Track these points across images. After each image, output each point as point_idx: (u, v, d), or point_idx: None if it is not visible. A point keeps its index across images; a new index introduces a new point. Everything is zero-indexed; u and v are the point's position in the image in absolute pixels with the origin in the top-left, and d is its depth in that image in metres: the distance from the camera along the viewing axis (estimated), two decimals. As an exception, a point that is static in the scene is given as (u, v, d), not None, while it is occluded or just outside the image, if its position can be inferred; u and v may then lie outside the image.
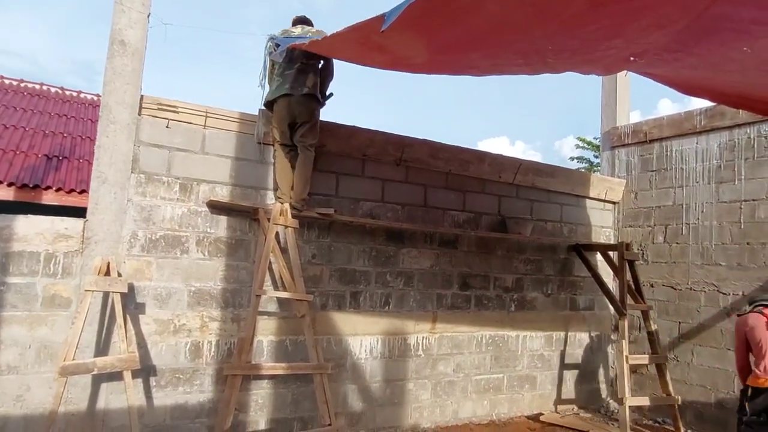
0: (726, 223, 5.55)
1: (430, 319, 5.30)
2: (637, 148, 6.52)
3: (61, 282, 3.74)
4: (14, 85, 9.88)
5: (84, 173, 7.67)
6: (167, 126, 4.18)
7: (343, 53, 4.06)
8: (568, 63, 3.39)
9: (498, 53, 3.27)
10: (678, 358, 5.85)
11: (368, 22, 2.72)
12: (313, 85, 4.27)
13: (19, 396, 3.59)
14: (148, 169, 4.09)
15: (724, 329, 5.44)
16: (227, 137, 4.41)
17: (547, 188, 6.17)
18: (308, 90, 4.24)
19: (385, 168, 5.16)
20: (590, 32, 2.72)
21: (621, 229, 6.63)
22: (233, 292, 4.32)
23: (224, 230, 4.34)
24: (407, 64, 3.77)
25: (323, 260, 4.75)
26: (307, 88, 4.24)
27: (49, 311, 3.69)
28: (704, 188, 5.79)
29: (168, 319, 4.07)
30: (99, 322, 3.80)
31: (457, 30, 2.73)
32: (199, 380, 4.15)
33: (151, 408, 3.97)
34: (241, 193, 4.42)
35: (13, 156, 7.47)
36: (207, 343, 4.19)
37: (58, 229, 3.76)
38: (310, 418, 4.52)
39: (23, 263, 3.64)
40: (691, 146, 5.95)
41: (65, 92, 10.52)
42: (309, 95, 4.26)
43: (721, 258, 5.55)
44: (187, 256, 4.17)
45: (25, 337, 3.62)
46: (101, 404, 3.79)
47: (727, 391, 5.35)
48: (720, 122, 5.64)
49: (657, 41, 2.78)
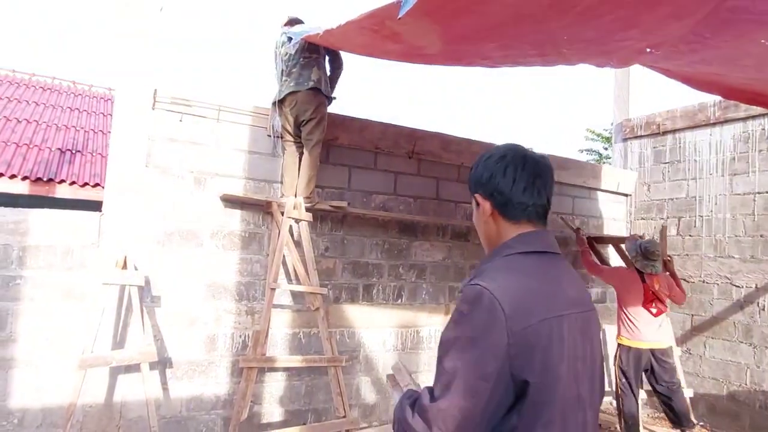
0: (739, 215, 5.52)
1: (443, 312, 5.31)
2: (650, 139, 6.48)
3: (78, 275, 3.77)
4: (26, 79, 9.95)
5: (97, 167, 7.74)
6: (180, 120, 4.20)
7: (355, 43, 4.04)
8: (583, 54, 3.37)
9: (512, 43, 3.25)
10: (690, 350, 5.84)
11: (384, 8, 2.71)
12: (318, 79, 4.22)
13: (37, 388, 3.63)
14: (162, 163, 4.11)
15: (737, 322, 5.42)
16: (240, 131, 4.43)
17: (559, 180, 6.14)
18: (314, 83, 4.20)
19: (398, 161, 5.16)
20: (606, 23, 2.71)
21: (633, 222, 6.60)
22: (247, 285, 4.35)
23: (238, 224, 4.36)
24: (420, 54, 3.75)
25: (336, 253, 4.77)
26: (313, 82, 4.20)
27: (66, 304, 3.73)
28: (718, 180, 5.75)
29: (183, 312, 4.10)
30: (116, 315, 3.83)
31: (472, 18, 2.72)
32: (215, 372, 4.19)
33: (168, 400, 4.01)
34: (255, 187, 4.44)
35: (26, 150, 7.54)
36: (222, 335, 4.23)
37: (74, 222, 3.80)
38: (324, 410, 4.55)
39: (40, 256, 3.68)
40: (704, 138, 5.91)
41: (77, 86, 10.57)
42: (314, 89, 4.21)
43: (734, 250, 5.52)
44: (202, 249, 4.20)
45: (42, 330, 3.66)
46: (118, 396, 3.83)
47: (740, 384, 5.34)
48: (734, 114, 5.59)
49: (674, 33, 2.76)
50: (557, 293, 1.22)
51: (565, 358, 1.17)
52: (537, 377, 1.12)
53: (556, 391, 1.14)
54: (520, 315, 1.12)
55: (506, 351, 1.10)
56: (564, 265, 1.32)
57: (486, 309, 1.12)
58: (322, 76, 4.30)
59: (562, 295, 1.22)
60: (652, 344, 4.54)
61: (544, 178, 1.31)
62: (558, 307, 1.19)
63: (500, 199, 1.30)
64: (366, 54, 4.09)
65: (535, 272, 1.23)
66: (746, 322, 5.34)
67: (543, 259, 1.27)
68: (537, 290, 1.18)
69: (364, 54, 4.12)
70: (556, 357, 1.15)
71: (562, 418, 1.15)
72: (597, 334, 1.31)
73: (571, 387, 1.18)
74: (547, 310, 1.16)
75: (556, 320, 1.16)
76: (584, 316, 1.26)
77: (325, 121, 4.33)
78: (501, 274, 1.20)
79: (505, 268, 1.23)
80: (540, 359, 1.12)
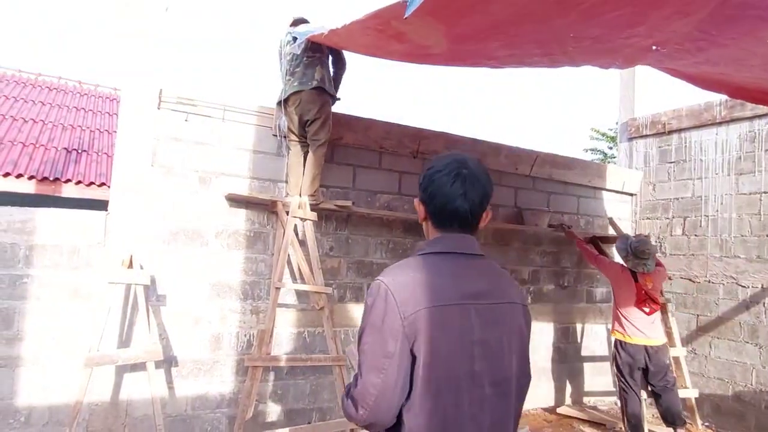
0: (745, 215, 5.49)
1: (447, 311, 5.30)
2: (656, 139, 6.46)
3: (84, 274, 3.79)
4: (32, 79, 9.99)
5: (103, 166, 7.77)
6: (186, 120, 4.22)
7: (360, 43, 4.03)
8: (589, 52, 3.36)
9: (517, 43, 3.24)
10: (696, 351, 5.82)
11: (389, 8, 2.70)
12: (321, 78, 4.21)
13: (43, 386, 3.66)
14: (167, 162, 4.12)
15: (743, 322, 5.40)
16: (245, 130, 4.44)
17: (564, 180, 6.14)
18: (317, 83, 4.19)
19: (402, 160, 5.16)
20: (612, 19, 2.70)
21: (639, 222, 6.58)
22: (252, 284, 4.36)
23: (243, 223, 4.37)
24: (425, 54, 3.74)
25: (341, 252, 4.77)
26: (316, 81, 4.19)
27: (72, 303, 3.75)
28: (723, 180, 5.73)
29: (188, 311, 4.12)
30: (122, 314, 3.86)
31: (478, 17, 2.72)
32: (219, 371, 4.21)
33: (173, 398, 4.03)
34: (259, 186, 4.45)
35: (33, 149, 7.58)
36: (227, 334, 4.24)
37: (80, 221, 3.82)
38: (328, 409, 4.56)
39: (46, 256, 3.70)
40: (710, 137, 5.88)
41: (83, 86, 10.62)
42: (318, 88, 4.21)
43: (740, 250, 5.49)
44: (207, 248, 4.21)
45: (49, 329, 3.68)
46: (124, 394, 3.85)
47: (745, 384, 5.32)
48: (740, 113, 5.57)
49: (680, 29, 2.76)
50: (452, 287, 1.39)
51: (454, 340, 1.35)
52: (424, 354, 1.31)
53: (441, 367, 1.33)
54: (410, 303, 1.33)
55: (402, 332, 1.32)
56: (478, 264, 1.49)
57: (383, 299, 1.36)
58: (326, 75, 4.29)
59: (457, 289, 1.39)
60: (645, 341, 4.57)
61: (474, 189, 1.46)
62: (449, 297, 1.37)
63: (431, 206, 1.49)
64: (370, 54, 4.09)
65: (432, 269, 1.42)
66: (752, 323, 5.32)
67: (448, 258, 1.45)
68: (428, 283, 1.37)
69: (368, 54, 4.12)
70: (441, 338, 1.33)
71: (454, 391, 1.34)
72: (511, 323, 1.47)
73: (463, 364, 1.35)
74: (436, 299, 1.35)
75: (446, 308, 1.35)
76: (492, 307, 1.43)
77: (330, 120, 4.33)
78: (400, 270, 1.43)
79: (406, 265, 1.44)
80: (426, 339, 1.32)
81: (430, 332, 1.32)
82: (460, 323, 1.37)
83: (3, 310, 3.57)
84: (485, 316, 1.40)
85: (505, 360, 1.43)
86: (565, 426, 5.41)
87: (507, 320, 1.45)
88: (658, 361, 4.58)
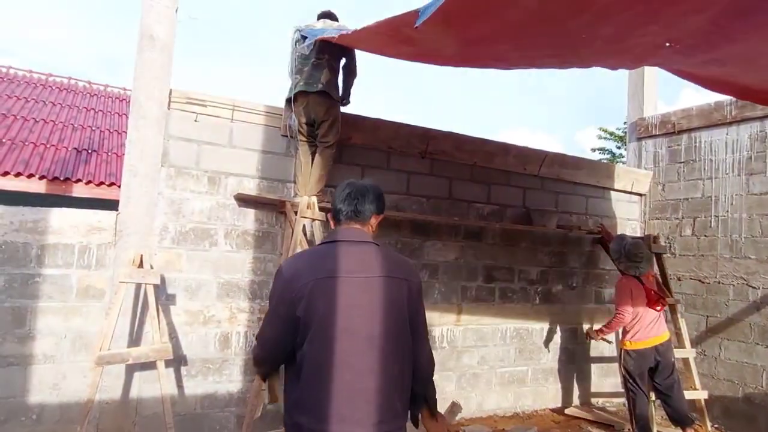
0: (756, 215, 5.45)
1: (455, 312, 5.31)
2: (665, 139, 6.42)
3: (95, 273, 3.83)
4: (42, 79, 10.08)
5: (113, 166, 7.82)
6: (196, 120, 4.24)
7: (369, 45, 4.04)
8: (600, 53, 3.34)
9: (528, 45, 3.23)
10: (705, 352, 5.78)
11: (401, 17, 2.70)
12: (327, 81, 4.21)
13: (55, 384, 3.69)
14: (177, 162, 4.15)
15: (753, 323, 5.35)
16: (254, 130, 4.46)
17: (573, 180, 6.11)
18: (323, 86, 4.18)
19: (410, 160, 5.16)
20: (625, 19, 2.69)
21: (648, 222, 6.55)
22: (260, 284, 4.38)
23: (251, 223, 4.39)
24: (435, 56, 3.74)
25: (349, 252, 4.76)
26: (322, 85, 4.19)
27: (83, 302, 3.79)
28: (734, 180, 5.69)
29: (198, 310, 4.15)
30: (132, 313, 3.88)
31: (491, 23, 2.71)
32: (228, 370, 4.23)
33: (183, 397, 4.06)
34: (268, 186, 4.47)
35: (43, 149, 7.64)
36: (236, 333, 4.26)
37: (91, 221, 3.85)
38: (336, 409, 4.56)
39: (58, 255, 3.74)
40: (720, 137, 5.84)
41: (92, 86, 10.69)
42: (323, 92, 4.20)
43: (751, 251, 5.45)
44: (216, 248, 4.24)
45: (60, 327, 3.72)
46: (134, 393, 3.88)
47: (755, 386, 5.28)
48: (751, 112, 5.52)
49: (693, 25, 2.74)
50: (333, 264, 1.81)
51: (333, 303, 1.75)
52: (307, 316, 1.75)
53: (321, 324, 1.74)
54: (296, 277, 1.79)
55: (291, 300, 1.77)
56: (362, 249, 1.89)
57: (280, 276, 1.86)
58: (333, 78, 4.29)
59: (338, 265, 1.80)
60: (655, 340, 4.55)
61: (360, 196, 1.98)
62: (331, 271, 1.78)
63: (334, 210, 2.02)
64: (379, 53, 4.09)
65: (320, 252, 1.93)
66: (762, 324, 5.27)
67: (335, 245, 1.89)
68: (313, 263, 1.84)
69: (377, 53, 4.12)
70: (321, 302, 1.75)
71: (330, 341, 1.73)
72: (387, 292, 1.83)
73: (340, 321, 1.74)
74: (317, 273, 1.78)
75: (325, 280, 1.77)
76: (368, 279, 1.82)
77: (338, 122, 4.34)
78: (298, 255, 2.11)
79: (306, 251, 2.18)
80: (308, 304, 1.75)
81: (313, 298, 1.75)
82: (339, 291, 1.77)
83: (15, 309, 3.60)
84: (362, 286, 1.80)
85: (375, 319, 1.79)
86: (573, 427, 5.40)
87: (382, 290, 1.82)
88: (666, 357, 4.56)
